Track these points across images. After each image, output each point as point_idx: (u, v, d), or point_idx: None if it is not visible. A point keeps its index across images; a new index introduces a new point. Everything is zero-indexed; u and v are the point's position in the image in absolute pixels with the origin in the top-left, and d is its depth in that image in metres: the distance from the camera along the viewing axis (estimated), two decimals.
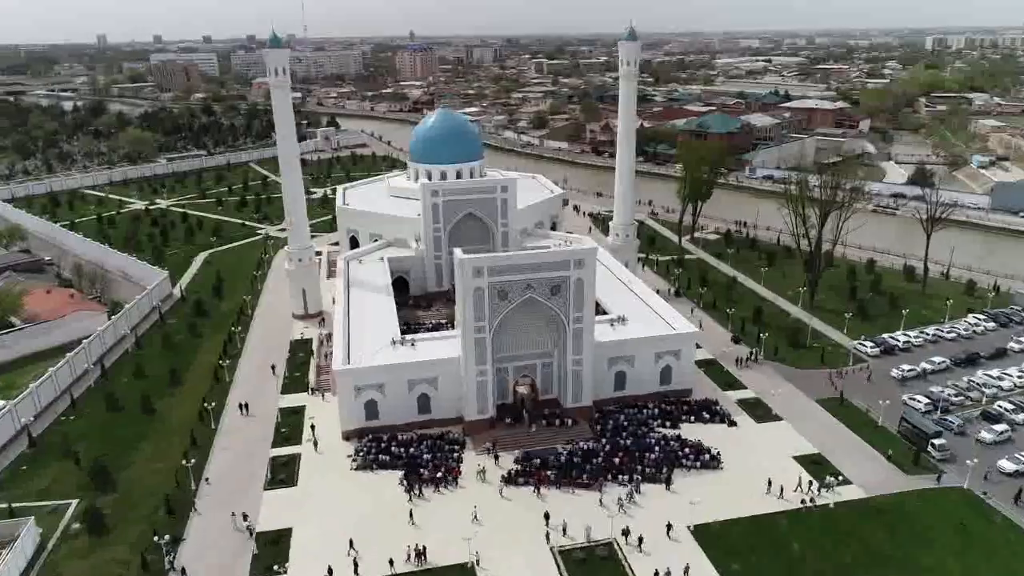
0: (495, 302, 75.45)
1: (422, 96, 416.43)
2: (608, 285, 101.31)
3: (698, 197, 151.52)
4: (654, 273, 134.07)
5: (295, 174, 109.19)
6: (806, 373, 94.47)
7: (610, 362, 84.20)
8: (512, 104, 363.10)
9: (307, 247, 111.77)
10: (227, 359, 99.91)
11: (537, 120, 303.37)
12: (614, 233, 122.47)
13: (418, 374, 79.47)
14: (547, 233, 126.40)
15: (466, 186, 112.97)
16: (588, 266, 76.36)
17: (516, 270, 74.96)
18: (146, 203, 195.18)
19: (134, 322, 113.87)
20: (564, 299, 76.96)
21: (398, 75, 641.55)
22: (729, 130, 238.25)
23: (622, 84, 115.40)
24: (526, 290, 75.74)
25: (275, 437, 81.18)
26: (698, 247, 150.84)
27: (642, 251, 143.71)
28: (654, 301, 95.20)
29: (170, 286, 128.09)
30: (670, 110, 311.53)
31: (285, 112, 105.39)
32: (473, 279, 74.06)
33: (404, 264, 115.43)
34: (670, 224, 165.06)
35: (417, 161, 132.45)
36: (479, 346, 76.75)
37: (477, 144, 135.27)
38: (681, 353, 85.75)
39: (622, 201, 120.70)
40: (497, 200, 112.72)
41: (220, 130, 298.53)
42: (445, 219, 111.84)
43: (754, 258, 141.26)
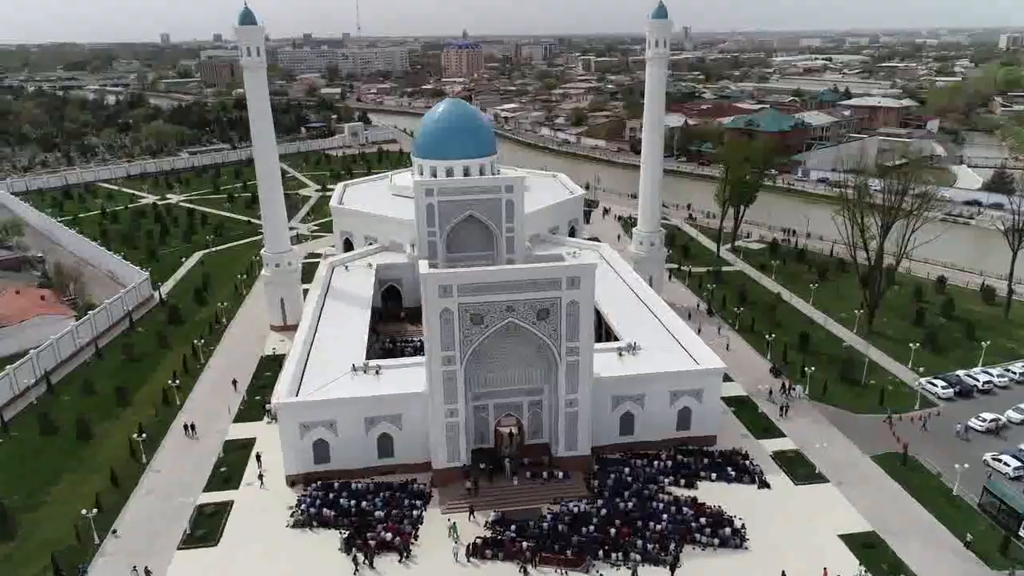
0: (467, 327, 61.27)
1: (461, 92, 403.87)
2: (622, 304, 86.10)
3: (740, 201, 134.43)
4: (685, 287, 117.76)
5: (271, 170, 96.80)
6: (861, 419, 77.56)
7: (615, 401, 69.09)
8: (552, 100, 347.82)
9: (285, 251, 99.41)
10: (186, 375, 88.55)
11: (576, 117, 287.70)
12: (637, 241, 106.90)
13: (377, 410, 65.85)
14: (562, 240, 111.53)
15: (465, 185, 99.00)
16: (585, 286, 61.52)
17: (493, 289, 60.63)
18: (156, 198, 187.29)
19: (102, 328, 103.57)
20: (553, 325, 62.26)
21: (443, 72, 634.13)
22: (781, 128, 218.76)
23: (649, 69, 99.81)
24: (506, 313, 61.34)
25: (211, 477, 68.66)
26: (739, 257, 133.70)
27: (675, 261, 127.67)
28: (676, 325, 79.54)
29: (150, 288, 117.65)
30: (718, 107, 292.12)
31: (260, 99, 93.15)
32: (440, 299, 60.07)
33: (395, 272, 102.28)
34: (709, 231, 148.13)
35: (421, 156, 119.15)
36: (448, 380, 62.69)
37: (489, 138, 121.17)
38: (704, 393, 70.02)
39: (647, 205, 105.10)
40: (501, 201, 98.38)
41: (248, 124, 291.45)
42: (442, 222, 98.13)
43: (803, 272, 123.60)
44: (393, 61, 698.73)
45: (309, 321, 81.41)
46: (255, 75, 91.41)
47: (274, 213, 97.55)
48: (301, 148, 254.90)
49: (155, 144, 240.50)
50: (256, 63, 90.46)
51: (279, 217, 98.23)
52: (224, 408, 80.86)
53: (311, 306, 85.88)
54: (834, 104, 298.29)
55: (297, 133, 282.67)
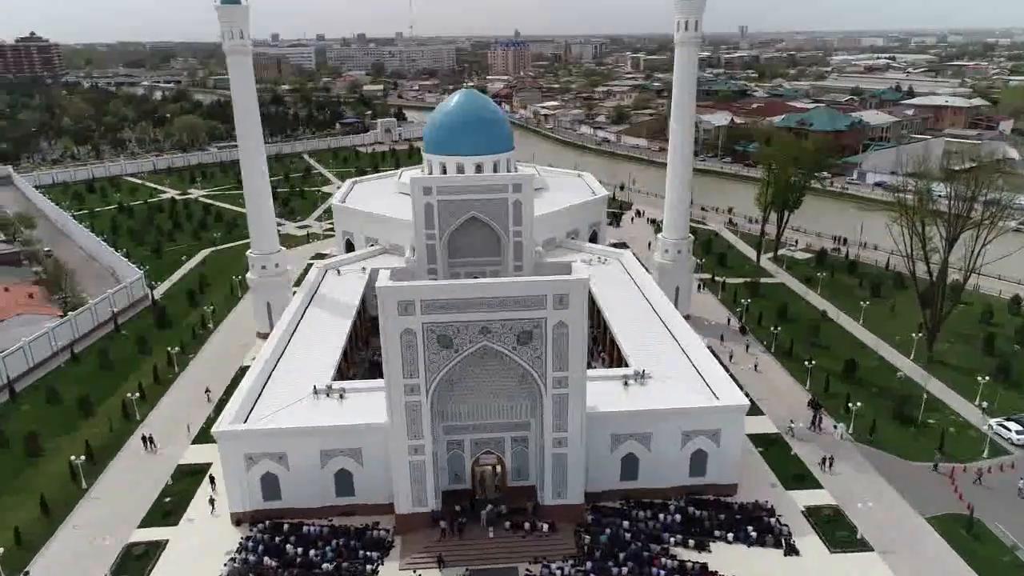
0: (434, 351, 51.63)
1: (502, 90, 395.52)
2: (637, 322, 75.17)
3: (785, 205, 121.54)
4: (717, 300, 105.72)
5: (256, 164, 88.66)
6: (916, 468, 65.11)
7: (615, 440, 58.43)
8: (594, 98, 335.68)
9: (272, 252, 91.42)
10: (156, 385, 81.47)
11: (617, 114, 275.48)
12: (662, 249, 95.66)
13: (334, 442, 56.72)
14: (581, 245, 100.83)
15: (468, 183, 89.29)
16: (575, 305, 51.16)
17: (464, 307, 50.79)
18: (177, 192, 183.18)
19: (86, 329, 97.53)
20: (537, 351, 52.10)
21: (489, 70, 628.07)
22: (835, 128, 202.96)
23: (678, 54, 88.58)
24: (480, 336, 51.47)
25: (151, 510, 60.58)
26: (781, 268, 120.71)
27: (708, 270, 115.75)
28: (695, 349, 68.23)
29: (143, 288, 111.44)
30: (770, 106, 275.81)
31: (245, 87, 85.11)
32: (400, 317, 50.59)
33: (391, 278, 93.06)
34: (750, 238, 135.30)
35: (431, 151, 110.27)
36: (411, 412, 53.15)
37: (505, 132, 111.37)
38: (723, 434, 58.73)
39: (674, 208, 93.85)
40: (508, 202, 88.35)
41: (284, 118, 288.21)
42: (441, 223, 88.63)
43: (853, 287, 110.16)
44: (440, 59, 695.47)
45: (281, 332, 72.97)
46: (239, 62, 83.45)
47: (260, 211, 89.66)
48: (332, 144, 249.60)
49: (186, 138, 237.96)
50: (239, 47, 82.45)
51: (266, 216, 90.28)
52: (194, 419, 73.16)
53: (288, 314, 77.42)
54: (896, 103, 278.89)
55: (331, 129, 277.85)
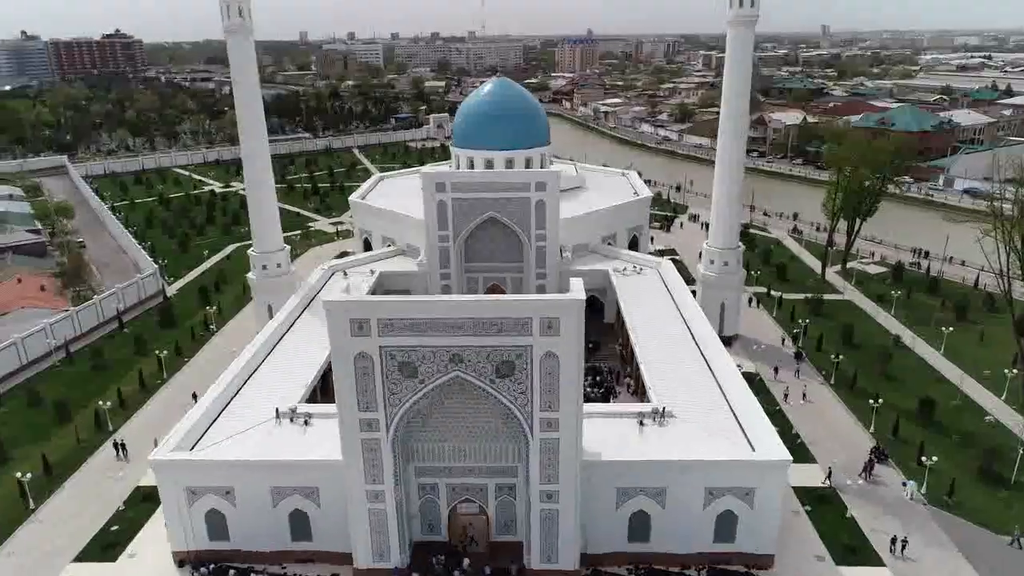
0: (395, 380, 42.60)
1: (563, 86, 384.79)
2: (667, 346, 64.28)
3: (857, 211, 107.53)
4: (771, 318, 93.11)
5: (259, 155, 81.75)
6: (1008, 546, 52.23)
7: (622, 495, 48.01)
8: (659, 96, 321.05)
9: (276, 250, 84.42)
10: (142, 390, 75.62)
11: (681, 112, 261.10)
12: (706, 259, 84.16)
13: (287, 479, 48.39)
14: (616, 252, 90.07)
15: (486, 179, 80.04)
16: (567, 332, 41.15)
17: (430, 328, 41.49)
18: (220, 185, 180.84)
19: (90, 326, 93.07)
20: (522, 386, 42.40)
21: (556, 68, 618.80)
22: (920, 128, 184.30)
23: (730, 37, 77.00)
24: (451, 365, 42.11)
25: (92, 540, 53.69)
26: (850, 282, 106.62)
27: (765, 283, 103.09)
28: (732, 383, 56.90)
29: (157, 284, 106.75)
30: (848, 105, 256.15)
31: (247, 73, 78.03)
32: (352, 339, 41.69)
33: (401, 282, 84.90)
34: (816, 248, 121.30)
35: (459, 145, 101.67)
36: (369, 453, 44.31)
37: (541, 125, 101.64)
38: (758, 495, 47.49)
39: (722, 214, 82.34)
40: (530, 202, 78.78)
41: (338, 113, 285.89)
42: (456, 224, 79.91)
43: (934, 308, 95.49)
44: (506, 56, 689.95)
45: (263, 340, 65.40)
46: (240, 43, 76.40)
47: (262, 205, 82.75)
48: (382, 139, 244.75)
49: (234, 131, 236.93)
50: (239, 27, 75.42)
51: (268, 211, 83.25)
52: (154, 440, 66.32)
53: (275, 321, 69.85)
54: (991, 102, 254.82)
55: (384, 124, 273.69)
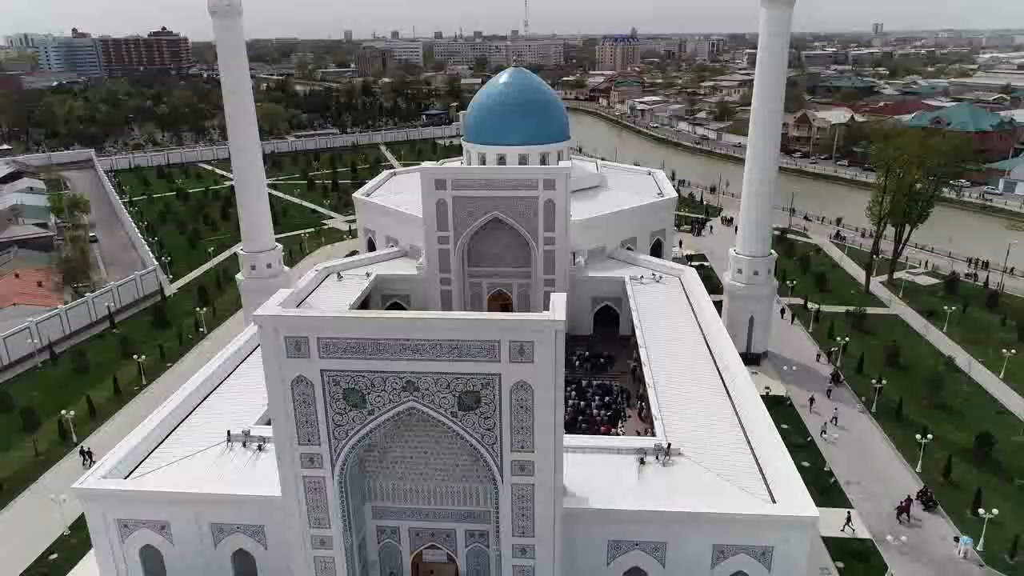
0: (340, 410, 36.07)
1: (601, 84, 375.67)
2: (679, 367, 56.58)
3: (906, 217, 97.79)
4: (807, 334, 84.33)
5: (248, 150, 76.33)
6: None
7: (614, 549, 40.57)
8: (699, 94, 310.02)
9: (266, 250, 78.92)
10: (116, 396, 70.89)
11: (720, 110, 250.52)
12: (733, 268, 76.01)
13: (228, 515, 42.27)
14: (635, 258, 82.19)
15: (488, 176, 73.06)
16: (544, 358, 34.00)
17: (379, 351, 34.77)
18: None
19: (80, 325, 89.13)
20: (489, 422, 35.47)
21: (596, 65, 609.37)
22: (979, 127, 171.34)
23: (764, 19, 68.66)
24: (404, 394, 35.39)
25: (27, 570, 48.52)
26: (897, 295, 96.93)
27: (801, 292, 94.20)
28: (753, 415, 48.94)
29: (156, 282, 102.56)
30: (899, 103, 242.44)
31: (234, 57, 72.71)
32: (288, 360, 35.27)
33: (399, 286, 78.67)
34: (861, 255, 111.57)
35: (471, 140, 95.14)
36: (313, 493, 37.88)
37: (559, 119, 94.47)
38: (777, 556, 39.52)
39: (750, 216, 74.21)
40: (538, 201, 71.64)
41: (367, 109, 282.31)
42: (457, 224, 73.23)
43: (993, 325, 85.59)
44: (546, 54, 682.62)
45: (232, 352, 59.67)
46: (227, 25, 71.02)
47: (252, 203, 77.31)
48: (411, 136, 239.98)
49: (266, 126, 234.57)
50: (226, 7, 69.99)
51: (258, 209, 77.82)
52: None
53: (252, 330, 64.04)
54: None
55: (415, 121, 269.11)
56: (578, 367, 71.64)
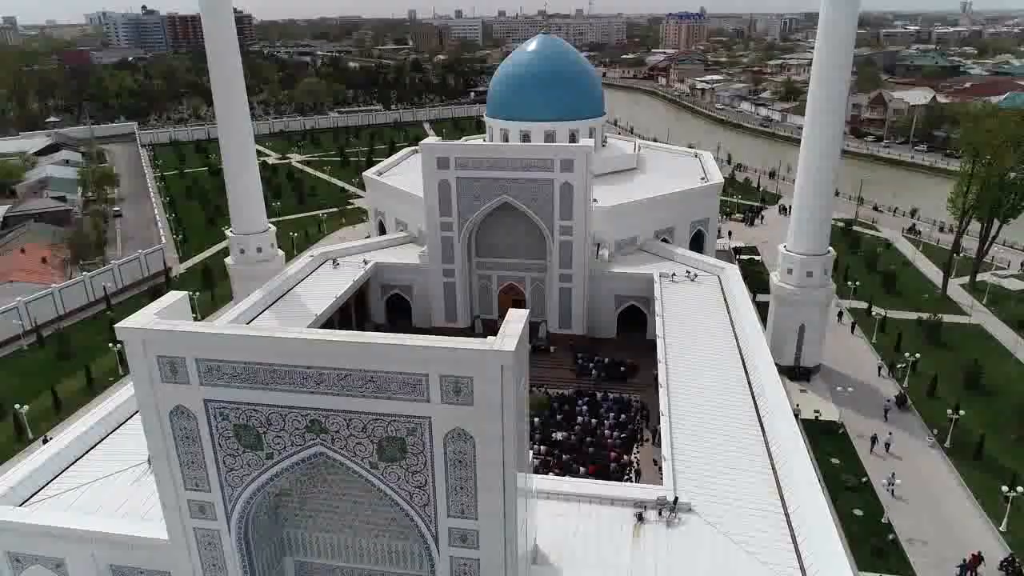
0: (233, 449, 28.04)
1: (660, 62, 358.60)
2: (705, 389, 46.71)
3: (995, 210, 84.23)
4: (870, 345, 72.57)
5: (238, 124, 68.89)
6: None
7: None
8: (765, 72, 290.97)
9: (256, 232, 71.86)
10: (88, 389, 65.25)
11: (786, 90, 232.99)
12: (784, 268, 64.89)
13: (128, 558, 34.98)
14: (669, 251, 71.75)
15: (498, 154, 63.86)
16: (486, 400, 25.09)
17: (272, 378, 26.48)
18: (277, 156, 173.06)
19: (74, 306, 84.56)
20: (419, 477, 26.86)
21: (659, 44, 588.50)
22: None
23: None
24: (309, 435, 27.04)
25: None
26: (981, 301, 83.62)
27: (867, 294, 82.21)
28: (790, 458, 38.87)
29: (161, 262, 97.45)
30: (989, 84, 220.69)
31: (219, 24, 64.89)
32: (162, 385, 27.34)
33: (399, 276, 70.66)
34: (938, 253, 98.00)
35: (493, 115, 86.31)
36: (208, 548, 30.14)
37: (593, 93, 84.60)
38: None
39: (806, 210, 62.87)
40: (554, 184, 62.37)
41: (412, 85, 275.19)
42: (462, 209, 64.71)
43: None
44: (608, 32, 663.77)
45: None
46: None
47: (241, 181, 70.07)
48: (455, 113, 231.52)
49: (309, 102, 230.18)
50: None
51: (249, 188, 70.49)
52: None
53: (219, 324, 57.07)
54: None
55: (463, 98, 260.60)
56: (595, 376, 62.59)
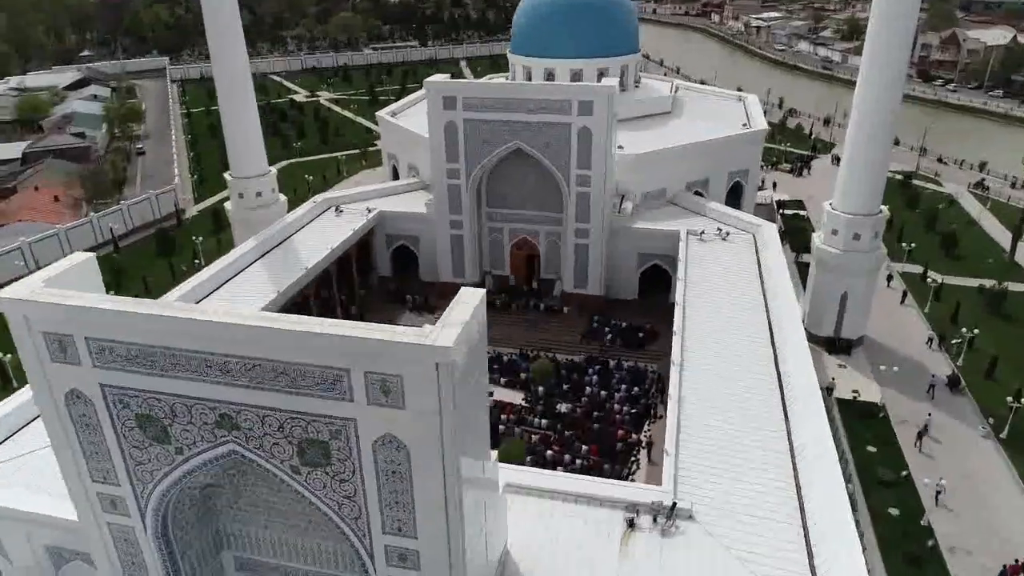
0: (138, 441, 23.98)
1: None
2: (721, 370, 41.15)
3: None
4: (922, 316, 65.37)
5: (235, 61, 63.72)
6: None
7: None
8: (828, 9, 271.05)
9: (256, 176, 67.35)
10: None
11: (849, 28, 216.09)
12: (828, 229, 57.81)
13: (63, 540, 31.91)
14: (700, 205, 65.05)
15: (509, 94, 57.53)
16: (418, 406, 20.23)
17: (172, 364, 22.06)
18: (306, 93, 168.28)
19: (80, 247, 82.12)
20: (347, 487, 22.43)
21: None
22: None
23: None
24: (220, 431, 22.75)
25: None
26: None
27: (923, 258, 74.49)
28: (814, 454, 33.42)
29: (172, 203, 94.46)
30: None
31: None
32: (52, 365, 23.18)
33: (405, 226, 65.88)
34: (1009, 211, 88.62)
35: (516, 51, 79.47)
36: (125, 544, 26.49)
37: (627, 27, 76.73)
38: None
39: (858, 163, 55.34)
40: (571, 129, 56.06)
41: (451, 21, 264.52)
42: (470, 155, 59.07)
43: None
44: None
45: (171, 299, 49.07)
46: None
47: (238, 121, 65.33)
48: (493, 51, 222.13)
49: (343, 37, 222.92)
50: None
51: (248, 129, 65.70)
52: None
53: (206, 273, 53.30)
54: None
55: (503, 34, 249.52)
56: (610, 343, 57.50)
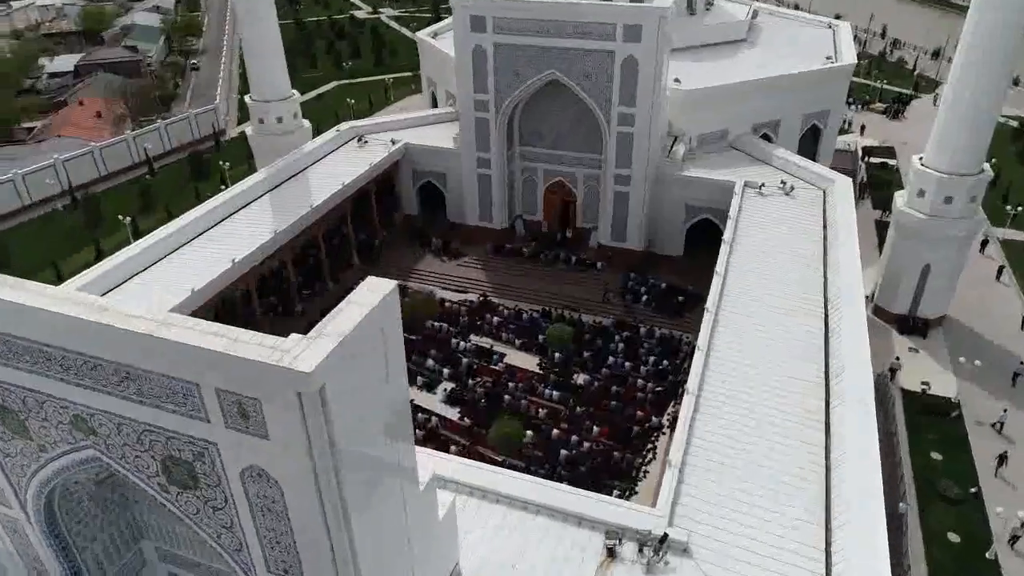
0: (2, 435, 20.20)
1: None
2: (758, 365, 34.75)
3: None
4: (1020, 293, 55.96)
5: None
6: None
7: None
8: None
9: (278, 99, 62.49)
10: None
11: None
12: (914, 189, 48.87)
13: None
14: (765, 151, 56.63)
15: (546, 15, 49.87)
16: (282, 436, 15.26)
17: (16, 355, 17.79)
18: (368, 10, 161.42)
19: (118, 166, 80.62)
20: (223, 517, 18.03)
21: None
22: None
23: None
24: (78, 434, 18.52)
25: None
26: None
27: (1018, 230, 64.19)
28: (853, 474, 27.25)
29: (213, 125, 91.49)
30: None
31: None
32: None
33: (431, 161, 60.32)
34: None
35: None
36: (15, 536, 23.32)
37: None
38: None
39: (957, 112, 45.81)
40: (614, 59, 48.50)
41: None
42: (501, 84, 52.50)
43: None
44: None
45: (174, 230, 45.70)
46: None
47: (258, 40, 60.27)
48: None
49: None
50: None
51: (267, 48, 60.51)
52: None
53: (212, 203, 49.57)
54: None
55: None
56: (644, 305, 51.44)
